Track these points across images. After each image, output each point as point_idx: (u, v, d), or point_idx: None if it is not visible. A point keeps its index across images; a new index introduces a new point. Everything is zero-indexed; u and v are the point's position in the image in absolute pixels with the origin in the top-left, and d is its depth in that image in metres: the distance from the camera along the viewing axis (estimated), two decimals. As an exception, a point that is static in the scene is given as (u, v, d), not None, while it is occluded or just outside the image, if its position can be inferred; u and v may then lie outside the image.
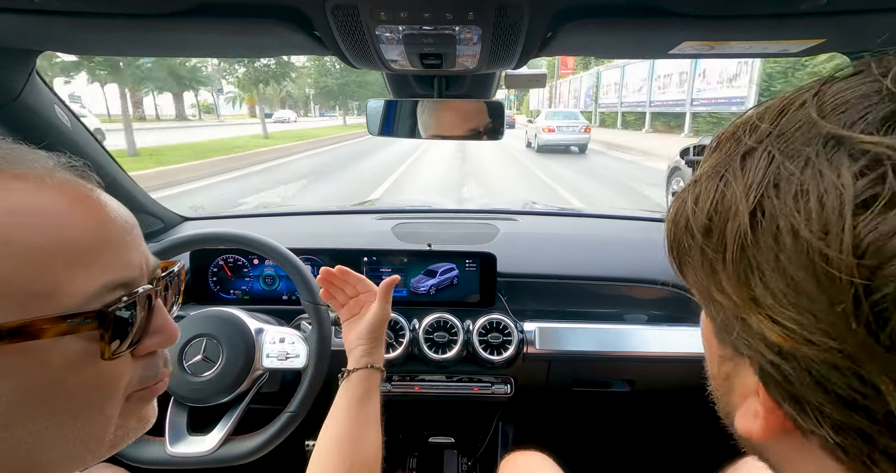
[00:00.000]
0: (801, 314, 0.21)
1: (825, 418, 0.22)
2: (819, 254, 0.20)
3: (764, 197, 0.22)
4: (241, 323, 0.90)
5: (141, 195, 1.25)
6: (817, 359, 0.20)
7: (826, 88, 0.23)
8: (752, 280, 0.23)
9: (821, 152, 0.21)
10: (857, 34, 0.67)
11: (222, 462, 0.80)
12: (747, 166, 0.24)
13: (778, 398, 0.24)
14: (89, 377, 0.32)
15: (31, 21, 0.61)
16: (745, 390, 0.27)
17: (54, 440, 0.31)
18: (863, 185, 0.19)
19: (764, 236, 0.22)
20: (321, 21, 0.59)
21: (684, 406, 1.19)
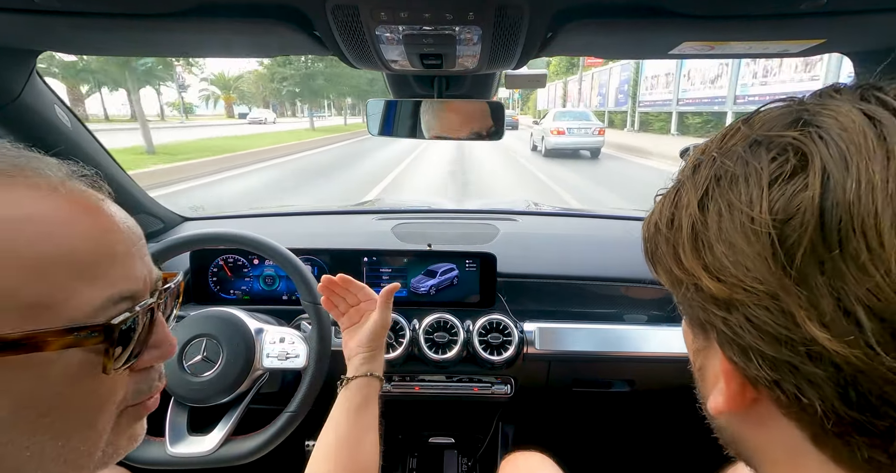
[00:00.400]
0: (737, 268, 0.26)
1: (764, 359, 0.26)
2: (747, 217, 0.26)
3: (709, 188, 0.29)
4: (241, 323, 0.90)
5: (141, 195, 1.25)
6: (751, 303, 0.26)
7: (755, 115, 0.31)
8: (702, 252, 0.29)
9: (747, 150, 0.28)
10: (857, 34, 0.67)
11: (222, 463, 0.80)
12: (697, 173, 0.31)
13: (731, 355, 0.28)
14: (87, 390, 0.32)
15: (31, 21, 0.61)
16: (714, 375, 0.32)
17: (45, 456, 0.31)
18: (774, 166, 0.26)
19: (710, 215, 0.28)
20: (321, 21, 0.59)
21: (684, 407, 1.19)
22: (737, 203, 0.27)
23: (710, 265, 0.28)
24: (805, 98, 0.30)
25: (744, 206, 0.26)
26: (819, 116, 0.26)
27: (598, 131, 12.61)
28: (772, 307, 0.25)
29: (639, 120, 19.27)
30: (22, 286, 0.28)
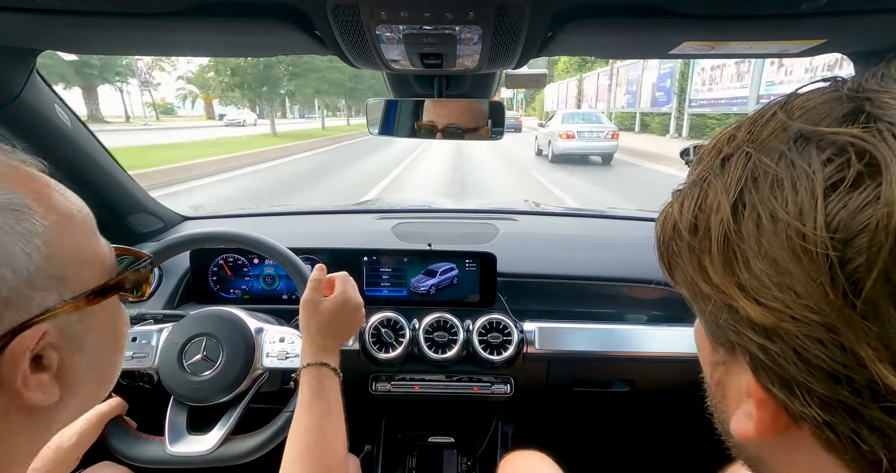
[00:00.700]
0: (783, 291, 0.22)
1: (813, 396, 0.22)
2: (797, 233, 0.21)
3: (743, 191, 0.25)
4: (241, 323, 0.90)
5: (141, 194, 1.25)
6: (801, 334, 0.22)
7: (792, 100, 0.26)
8: (736, 267, 0.24)
9: (792, 147, 0.24)
10: (857, 35, 0.67)
11: (222, 462, 0.80)
12: (726, 168, 0.26)
13: (768, 384, 0.25)
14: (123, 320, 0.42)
15: (31, 20, 0.61)
16: (738, 393, 0.28)
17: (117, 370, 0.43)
18: (830, 170, 0.22)
19: (746, 224, 0.24)
20: (321, 21, 0.59)
21: (684, 407, 1.19)
22: (782, 213, 0.22)
23: (747, 284, 0.24)
24: (853, 81, 0.25)
25: (791, 217, 0.22)
26: (891, 110, 0.22)
27: (612, 135, 11.18)
28: (827, 340, 0.21)
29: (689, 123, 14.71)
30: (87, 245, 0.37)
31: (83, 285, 0.35)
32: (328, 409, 0.68)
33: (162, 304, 1.12)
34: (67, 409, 0.37)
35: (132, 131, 22.63)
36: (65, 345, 0.34)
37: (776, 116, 0.26)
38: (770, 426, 0.26)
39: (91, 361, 0.37)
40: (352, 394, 1.10)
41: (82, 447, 0.77)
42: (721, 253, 0.25)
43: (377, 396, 1.10)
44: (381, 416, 1.35)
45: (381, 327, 1.06)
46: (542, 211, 1.76)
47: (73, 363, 0.35)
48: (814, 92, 0.26)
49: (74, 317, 0.35)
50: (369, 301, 1.12)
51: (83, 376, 0.37)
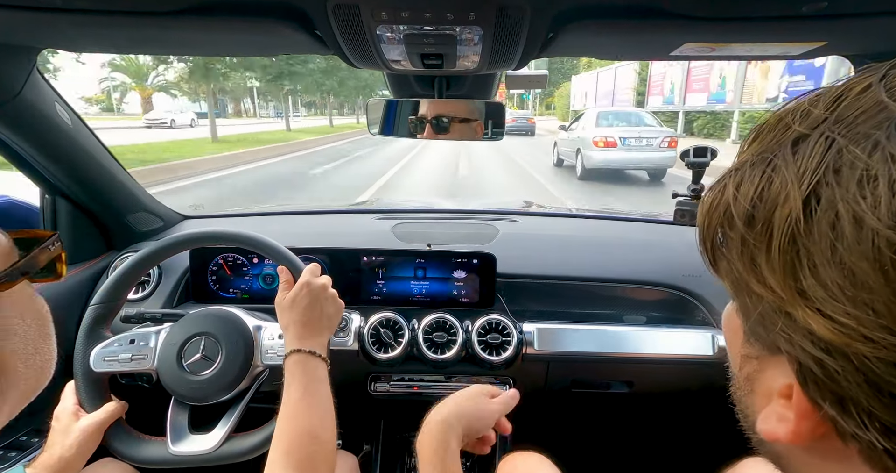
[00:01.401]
0: (859, 307, 0.19)
1: (874, 421, 0.20)
2: (887, 243, 0.18)
3: (821, 183, 0.21)
4: (240, 321, 0.90)
5: (141, 193, 1.25)
6: (873, 357, 0.19)
7: (893, 72, 0.22)
8: (800, 272, 0.21)
9: (892, 136, 0.19)
10: (858, 37, 0.67)
11: (224, 460, 0.80)
12: (800, 152, 0.22)
13: (817, 399, 0.22)
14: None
15: (32, 18, 0.61)
16: (769, 391, 0.26)
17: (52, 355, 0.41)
18: None
19: (819, 225, 0.21)
20: (322, 20, 0.59)
21: (683, 408, 1.19)
22: (870, 218, 0.19)
23: (811, 293, 0.21)
24: None
25: (882, 225, 0.18)
26: None
27: (669, 143, 8.19)
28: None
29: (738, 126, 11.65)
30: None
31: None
32: (307, 392, 0.68)
33: (161, 303, 1.12)
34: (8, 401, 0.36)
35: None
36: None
37: (870, 91, 0.21)
38: (807, 435, 0.24)
39: (24, 349, 0.37)
40: (351, 394, 1.10)
41: (84, 456, 0.77)
42: (783, 254, 0.22)
43: (376, 396, 1.10)
44: (380, 416, 1.35)
45: (380, 327, 1.06)
46: (542, 212, 1.76)
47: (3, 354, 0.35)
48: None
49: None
50: (369, 302, 1.13)
51: (21, 365, 0.36)
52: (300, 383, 0.68)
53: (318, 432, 0.65)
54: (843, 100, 0.22)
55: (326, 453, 0.64)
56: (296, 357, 0.71)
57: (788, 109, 0.25)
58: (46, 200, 1.12)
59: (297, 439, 0.63)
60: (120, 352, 0.85)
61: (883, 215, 0.18)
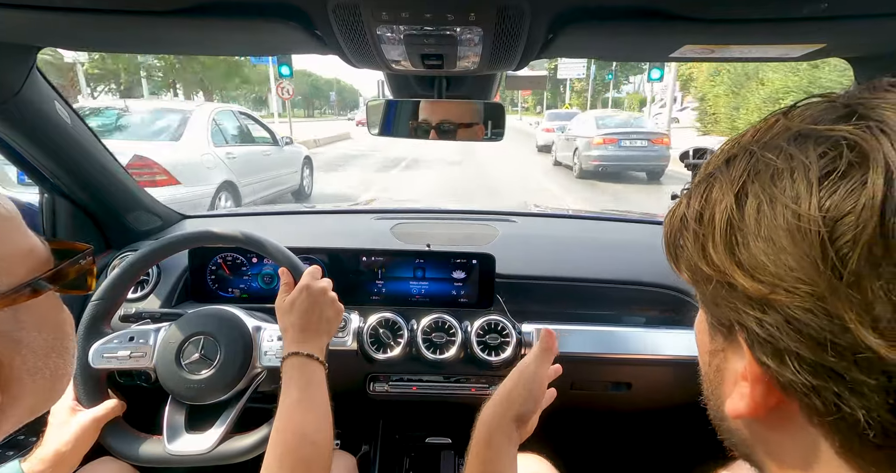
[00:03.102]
0: (778, 266, 0.25)
1: (802, 364, 0.25)
2: (793, 214, 0.24)
3: (746, 182, 0.28)
4: (240, 322, 0.90)
5: (140, 193, 1.25)
6: (793, 305, 0.24)
7: (792, 110, 0.30)
8: (736, 249, 0.27)
9: (791, 143, 0.27)
10: (857, 39, 0.68)
11: (220, 460, 0.80)
12: (731, 165, 0.30)
13: (762, 357, 0.27)
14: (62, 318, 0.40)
15: (32, 17, 0.61)
16: (734, 377, 0.31)
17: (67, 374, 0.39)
18: (825, 162, 0.25)
19: (748, 210, 0.27)
20: (322, 20, 0.59)
21: (681, 409, 1.19)
22: (781, 198, 0.25)
23: (745, 262, 0.27)
24: (848, 94, 0.28)
25: (789, 201, 0.25)
26: (879, 110, 0.25)
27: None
28: (816, 309, 0.24)
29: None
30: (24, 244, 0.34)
31: (13, 281, 0.33)
32: (304, 396, 0.68)
33: (160, 302, 1.12)
34: (12, 417, 0.34)
35: None
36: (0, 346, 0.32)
37: (778, 122, 0.29)
38: (762, 403, 0.28)
39: (34, 363, 0.35)
40: (349, 395, 1.10)
41: (80, 451, 0.77)
42: (723, 236, 0.28)
43: (375, 397, 1.10)
44: (379, 417, 1.35)
45: (379, 327, 1.06)
46: (541, 213, 1.76)
47: (12, 365, 0.33)
48: (811, 102, 0.29)
49: (7, 314, 0.33)
50: (368, 302, 1.12)
51: (28, 379, 0.35)
52: (297, 386, 0.68)
53: (314, 435, 0.65)
54: (762, 129, 0.30)
55: (322, 456, 0.64)
56: (293, 360, 0.71)
57: (727, 142, 0.33)
58: (46, 199, 1.12)
59: (293, 441, 0.63)
60: (119, 349, 0.85)
61: (788, 196, 0.25)
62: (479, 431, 0.63)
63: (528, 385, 0.67)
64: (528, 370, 0.68)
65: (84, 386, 0.82)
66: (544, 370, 0.69)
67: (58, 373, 0.37)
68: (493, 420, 0.64)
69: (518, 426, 0.65)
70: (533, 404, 0.66)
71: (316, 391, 0.69)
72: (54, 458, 0.73)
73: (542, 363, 0.69)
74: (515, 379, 0.68)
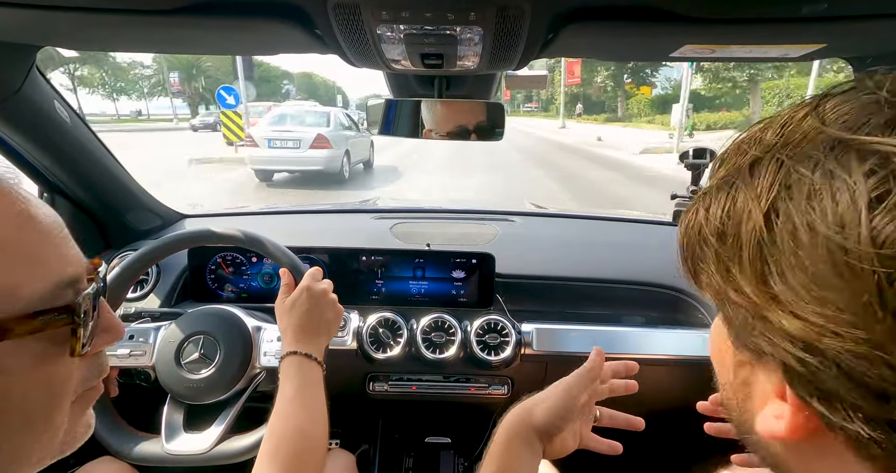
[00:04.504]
0: (824, 306, 0.21)
1: (857, 413, 0.22)
2: (838, 247, 0.21)
3: (777, 199, 0.24)
4: (240, 321, 0.90)
5: (139, 192, 1.25)
6: (844, 351, 0.21)
7: (824, 102, 0.25)
8: (770, 279, 0.23)
9: (829, 155, 0.22)
10: (857, 40, 0.67)
11: (219, 460, 0.80)
12: (756, 173, 0.25)
13: (805, 396, 0.24)
14: (43, 380, 0.30)
15: (31, 16, 0.61)
16: (765, 393, 0.28)
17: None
18: (874, 182, 0.20)
19: (780, 235, 0.23)
20: (322, 19, 0.59)
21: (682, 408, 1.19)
22: (821, 226, 0.21)
23: (783, 297, 0.23)
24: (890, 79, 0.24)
25: (832, 231, 0.21)
26: None
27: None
28: (874, 358, 0.20)
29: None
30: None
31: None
32: (300, 393, 0.67)
33: (160, 302, 1.12)
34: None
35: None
36: None
37: (808, 119, 0.25)
38: (802, 429, 0.25)
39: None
40: (349, 394, 1.10)
41: None
42: (752, 263, 0.24)
43: (374, 396, 1.10)
44: (379, 416, 1.35)
45: (378, 327, 1.06)
46: (541, 213, 1.76)
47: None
48: (847, 94, 0.24)
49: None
50: (367, 301, 1.12)
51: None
52: (294, 383, 0.68)
53: (309, 431, 0.65)
54: (787, 126, 0.26)
55: (315, 453, 0.64)
56: (291, 359, 0.71)
57: (744, 137, 0.28)
58: (45, 198, 1.12)
59: (287, 437, 0.63)
60: (118, 347, 0.85)
61: (830, 223, 0.21)
62: (498, 433, 0.61)
63: (557, 399, 0.63)
64: (563, 384, 0.64)
65: None
66: (580, 389, 0.64)
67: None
68: (513, 424, 0.62)
69: (542, 438, 0.61)
70: (559, 420, 0.61)
71: (312, 390, 0.69)
72: None
73: (581, 381, 0.65)
74: (549, 391, 0.65)
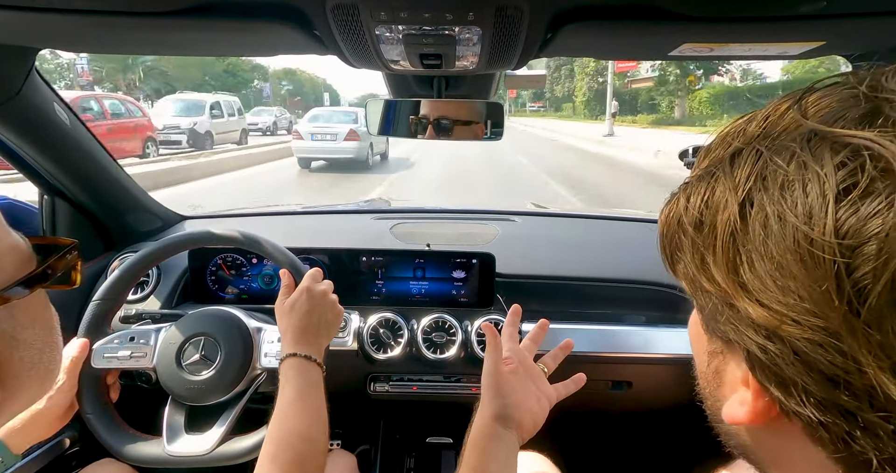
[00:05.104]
0: (787, 294, 0.22)
1: (809, 397, 0.23)
2: (804, 237, 0.21)
3: (752, 190, 0.24)
4: (240, 322, 0.90)
5: (140, 193, 1.25)
6: (802, 338, 0.22)
7: (807, 96, 0.25)
8: (740, 268, 0.24)
9: (804, 147, 0.23)
10: (856, 37, 0.67)
11: (220, 462, 0.80)
12: (736, 164, 0.26)
13: (764, 382, 0.25)
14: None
15: (30, 18, 0.61)
16: (734, 381, 0.29)
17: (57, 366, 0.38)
18: (843, 174, 0.21)
19: (753, 225, 0.24)
20: (321, 20, 0.59)
21: (682, 407, 1.19)
22: (790, 216, 0.22)
23: (750, 285, 0.24)
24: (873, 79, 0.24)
25: (800, 221, 0.21)
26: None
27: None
28: (829, 345, 0.21)
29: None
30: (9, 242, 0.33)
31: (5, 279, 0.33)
32: (300, 396, 0.67)
33: (160, 303, 1.12)
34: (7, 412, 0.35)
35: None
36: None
37: (790, 112, 0.25)
38: (763, 414, 0.26)
39: (30, 359, 0.36)
40: (350, 395, 1.10)
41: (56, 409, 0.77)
42: (725, 252, 0.25)
43: (375, 396, 1.10)
44: (380, 416, 1.35)
45: (379, 327, 1.06)
46: (541, 212, 1.76)
47: (10, 362, 0.34)
48: (829, 88, 0.25)
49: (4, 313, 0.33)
50: (368, 302, 1.12)
51: (24, 375, 0.35)
52: (294, 386, 0.68)
53: (309, 434, 0.65)
54: (769, 120, 0.26)
55: (316, 455, 0.64)
56: (291, 361, 0.71)
57: (730, 129, 0.29)
58: (45, 200, 1.12)
59: (287, 440, 0.63)
60: (119, 349, 0.86)
61: (800, 214, 0.22)
62: (466, 445, 0.62)
63: (486, 385, 0.65)
64: (483, 372, 0.66)
65: (85, 386, 0.82)
66: (495, 363, 0.66)
67: (50, 367, 0.38)
68: (475, 429, 0.63)
69: (506, 425, 0.62)
70: (501, 397, 0.62)
71: (312, 392, 0.69)
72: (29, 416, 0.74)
73: (491, 358, 0.67)
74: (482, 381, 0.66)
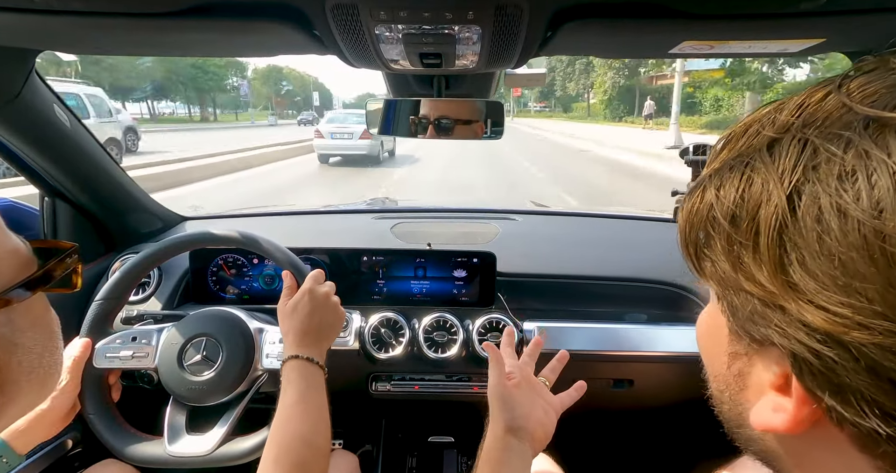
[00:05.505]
0: (852, 296, 0.20)
1: (873, 407, 0.21)
2: (873, 232, 0.19)
3: (801, 180, 0.22)
4: (242, 323, 0.90)
5: (140, 195, 1.25)
6: (870, 343, 0.20)
7: (847, 82, 0.23)
8: (789, 266, 0.22)
9: (863, 134, 0.21)
10: (856, 34, 0.67)
11: (222, 462, 0.80)
12: (776, 153, 0.24)
13: (814, 389, 0.23)
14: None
15: (30, 20, 0.61)
16: (760, 385, 0.27)
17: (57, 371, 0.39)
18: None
19: (804, 219, 0.21)
20: (321, 20, 0.59)
21: (684, 406, 1.19)
22: (854, 209, 0.20)
23: (801, 285, 0.21)
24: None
25: (867, 216, 0.19)
26: None
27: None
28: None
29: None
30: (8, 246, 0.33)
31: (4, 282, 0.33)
32: (302, 398, 0.67)
33: (162, 304, 1.12)
34: (6, 416, 0.34)
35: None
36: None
37: (831, 98, 0.23)
38: (805, 423, 0.24)
39: (29, 364, 0.35)
40: (352, 394, 1.10)
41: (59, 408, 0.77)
42: (770, 249, 0.23)
43: (377, 396, 1.10)
44: (381, 416, 1.35)
45: (380, 327, 1.06)
46: (542, 211, 1.76)
47: (9, 367, 0.33)
48: (873, 75, 0.23)
49: (2, 317, 0.33)
50: (369, 301, 1.12)
51: (23, 380, 0.34)
52: (296, 388, 0.68)
53: (311, 437, 0.65)
54: (806, 107, 0.24)
55: (318, 459, 0.64)
56: (293, 363, 0.71)
57: (755, 118, 0.27)
58: (46, 202, 1.12)
59: (289, 444, 0.63)
60: (121, 349, 0.86)
61: (866, 207, 0.20)
62: (480, 458, 0.63)
63: (494, 398, 0.66)
64: (489, 387, 0.68)
65: (87, 386, 0.82)
66: (499, 377, 0.69)
67: (50, 371, 0.37)
68: (487, 438, 0.64)
69: (519, 437, 0.63)
70: (509, 413, 0.64)
71: (314, 394, 0.69)
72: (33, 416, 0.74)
73: (495, 373, 0.69)
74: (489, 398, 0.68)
